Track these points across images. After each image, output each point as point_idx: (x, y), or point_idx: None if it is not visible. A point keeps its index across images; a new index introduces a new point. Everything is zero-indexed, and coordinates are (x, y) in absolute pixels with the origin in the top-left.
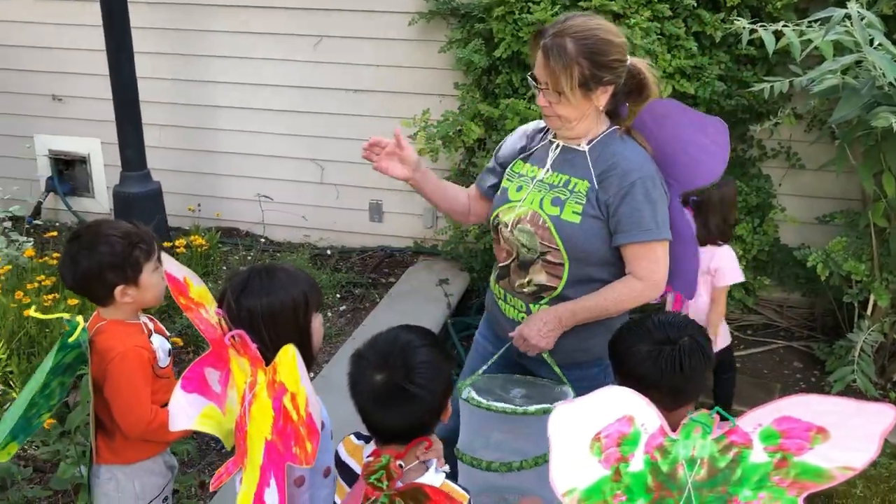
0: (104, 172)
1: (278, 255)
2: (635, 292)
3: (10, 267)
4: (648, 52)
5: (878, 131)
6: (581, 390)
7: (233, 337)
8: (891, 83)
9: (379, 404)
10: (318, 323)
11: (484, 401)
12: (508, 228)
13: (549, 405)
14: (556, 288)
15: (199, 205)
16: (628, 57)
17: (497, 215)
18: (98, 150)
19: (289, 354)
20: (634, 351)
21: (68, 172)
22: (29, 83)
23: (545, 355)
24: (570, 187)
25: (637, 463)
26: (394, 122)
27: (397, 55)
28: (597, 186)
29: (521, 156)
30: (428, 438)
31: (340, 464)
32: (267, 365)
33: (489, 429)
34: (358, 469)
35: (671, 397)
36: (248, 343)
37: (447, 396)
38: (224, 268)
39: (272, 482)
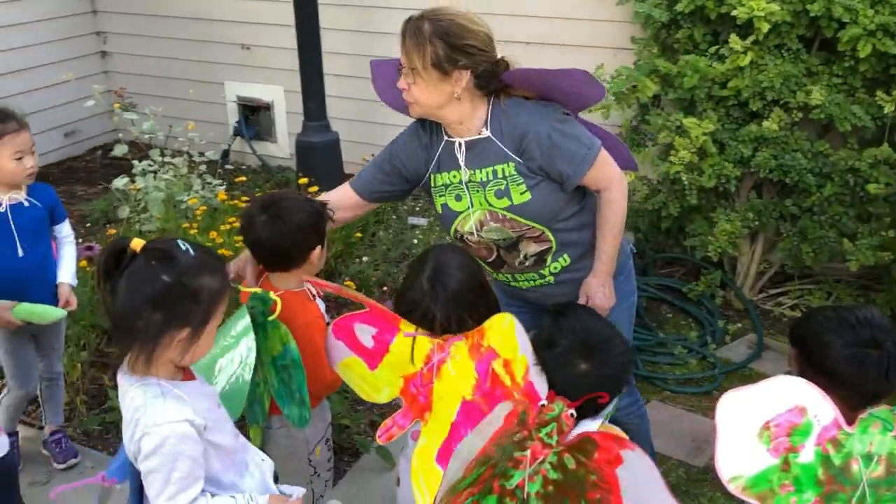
0: (286, 119)
1: None
2: (619, 196)
3: (205, 208)
4: (847, 8)
5: None
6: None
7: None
8: None
9: (576, 389)
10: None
11: None
12: (475, 235)
13: None
14: (551, 247)
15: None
16: (496, 53)
17: (455, 230)
18: (281, 98)
19: (505, 322)
20: (833, 348)
21: (254, 118)
22: (218, 32)
23: None
24: (500, 175)
25: (807, 454)
26: None
27: (573, 7)
28: (521, 160)
29: (432, 168)
30: (602, 393)
31: None
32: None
33: None
34: None
35: (864, 400)
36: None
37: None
38: (394, 217)
39: None
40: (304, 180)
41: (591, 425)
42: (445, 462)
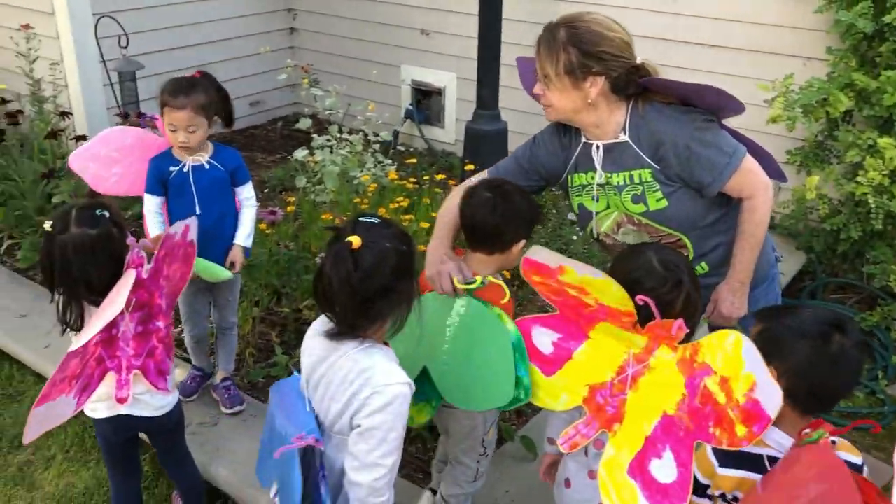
0: (455, 105)
1: None
2: (763, 205)
3: (375, 186)
4: None
5: None
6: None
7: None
8: None
9: (857, 374)
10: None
11: None
12: (610, 238)
13: None
14: (688, 255)
15: None
16: (635, 58)
17: (592, 230)
18: (453, 84)
19: (728, 340)
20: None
21: (425, 102)
22: (400, 16)
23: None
24: (637, 181)
25: None
26: (748, 82)
27: (768, 11)
28: (657, 166)
29: (570, 168)
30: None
31: (734, 454)
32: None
33: None
34: (762, 452)
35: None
36: (680, 327)
37: None
38: (553, 211)
39: (667, 456)
40: (470, 166)
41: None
42: (638, 476)
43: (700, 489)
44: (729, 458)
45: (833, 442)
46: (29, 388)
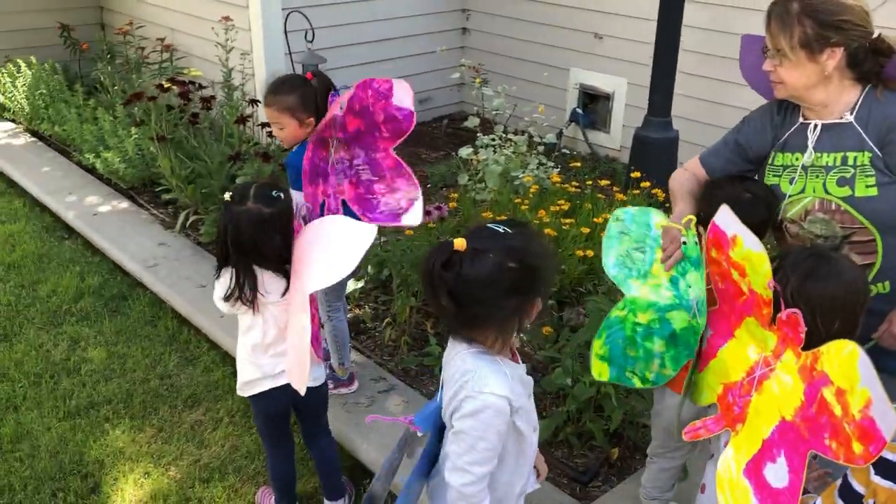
0: (623, 111)
1: None
2: None
3: (537, 187)
4: None
5: None
6: None
7: (784, 315)
8: None
9: None
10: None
11: None
12: (796, 225)
13: None
14: (874, 263)
15: None
16: (873, 28)
17: (777, 214)
18: (623, 90)
19: (846, 350)
20: None
21: (591, 106)
22: (572, 19)
23: None
24: (850, 163)
25: None
26: None
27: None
28: (881, 153)
29: (777, 146)
30: None
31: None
32: (805, 349)
33: None
34: None
35: None
36: (798, 324)
37: None
38: None
39: (781, 461)
40: (636, 174)
41: None
42: (752, 476)
43: (855, 498)
44: (886, 468)
45: None
46: (203, 354)
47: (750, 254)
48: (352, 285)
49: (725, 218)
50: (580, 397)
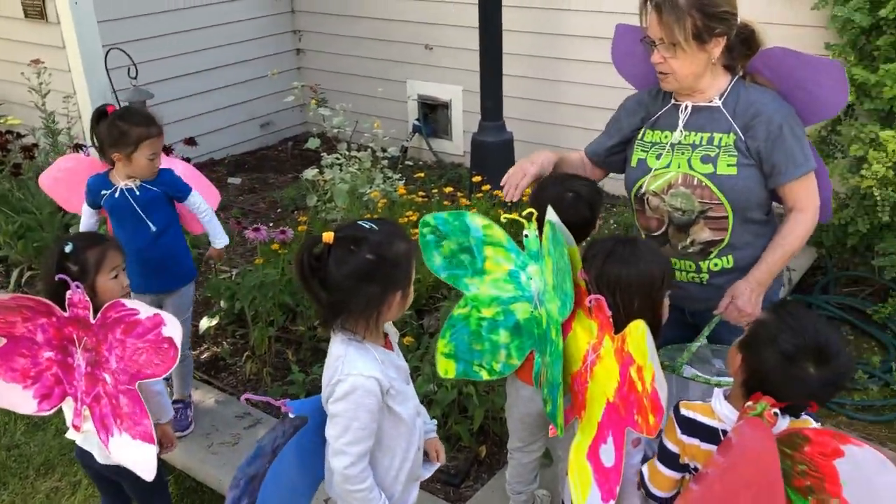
0: (462, 118)
1: (613, 209)
2: (808, 224)
3: (385, 201)
4: None
5: None
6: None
7: (590, 301)
8: None
9: (792, 390)
10: (665, 301)
11: (712, 378)
12: (658, 198)
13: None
14: (722, 240)
15: None
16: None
17: (640, 186)
18: (459, 97)
19: (639, 329)
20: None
21: (431, 116)
22: (404, 32)
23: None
24: (715, 143)
25: None
26: None
27: (762, 10)
28: (743, 136)
29: (647, 124)
30: (812, 403)
31: (691, 423)
32: (616, 332)
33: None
34: (715, 425)
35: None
36: (603, 309)
37: None
38: None
39: (609, 441)
40: (477, 178)
41: (782, 423)
42: (593, 459)
43: (671, 457)
44: (688, 427)
45: (776, 413)
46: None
47: (570, 249)
48: (206, 322)
49: (550, 218)
50: (443, 402)
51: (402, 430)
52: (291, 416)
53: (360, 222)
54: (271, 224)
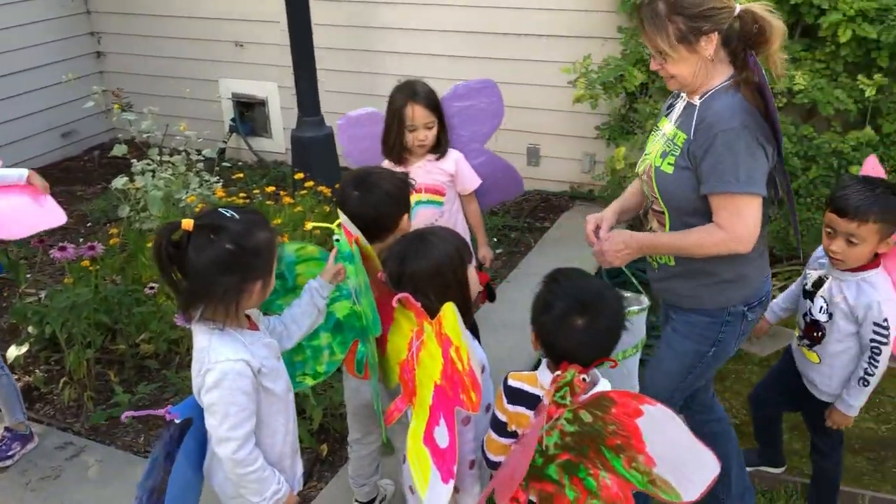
0: (280, 114)
1: None
2: (714, 239)
3: (203, 206)
4: None
5: None
6: (689, 334)
7: (396, 301)
8: None
9: (583, 345)
10: (472, 274)
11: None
12: (639, 178)
13: (641, 307)
14: None
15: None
16: (735, 4)
17: (638, 166)
18: (275, 94)
19: (450, 312)
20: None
21: (249, 114)
22: (212, 30)
23: (624, 268)
24: (674, 139)
25: None
26: (555, 66)
27: None
28: (692, 138)
29: (665, 111)
30: (611, 358)
31: (518, 392)
32: (432, 317)
33: None
34: (538, 392)
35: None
36: (412, 302)
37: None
38: None
39: (442, 422)
40: (299, 175)
41: (603, 385)
42: (429, 442)
43: (501, 425)
44: (514, 396)
45: (584, 379)
46: None
47: (369, 249)
48: (14, 351)
49: (345, 220)
50: None
51: (280, 407)
52: (177, 420)
53: (221, 210)
54: (82, 239)
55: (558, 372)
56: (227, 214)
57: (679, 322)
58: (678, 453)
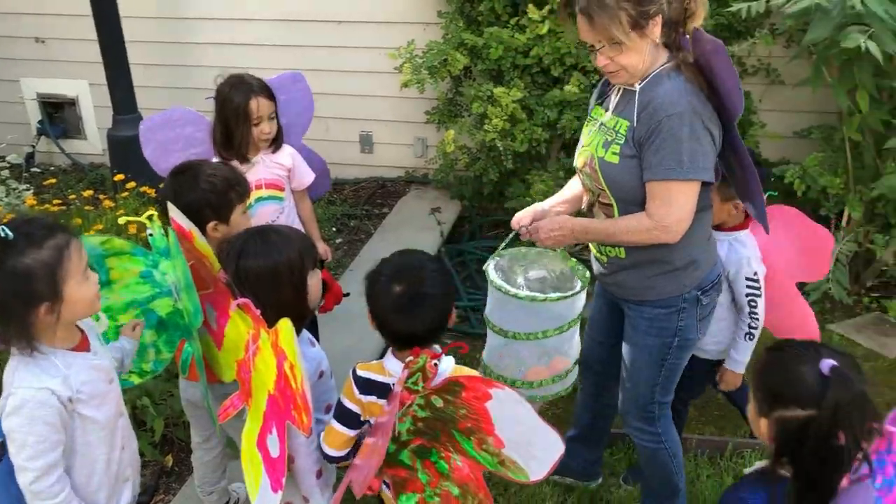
0: (94, 114)
1: None
2: (642, 227)
3: (11, 215)
4: None
5: (851, 49)
6: (648, 330)
7: (234, 306)
8: (862, 2)
9: (400, 311)
10: (314, 280)
11: (511, 289)
12: (580, 172)
13: (563, 294)
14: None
15: None
16: None
17: (575, 159)
18: (87, 92)
19: (285, 329)
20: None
21: (59, 115)
22: (9, 26)
23: (559, 250)
24: (616, 128)
25: None
26: (380, 52)
27: None
28: (635, 125)
29: (598, 100)
30: (460, 343)
31: (368, 382)
32: (269, 325)
33: (510, 305)
34: (387, 381)
35: None
36: (251, 309)
37: (453, 301)
38: None
39: (274, 432)
40: (120, 177)
41: (448, 364)
42: (262, 448)
43: (352, 417)
44: (365, 386)
45: (435, 364)
46: None
47: (202, 245)
48: None
49: (176, 214)
50: None
51: (102, 435)
52: None
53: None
54: None
55: (410, 357)
56: (2, 234)
57: (636, 318)
58: (525, 434)
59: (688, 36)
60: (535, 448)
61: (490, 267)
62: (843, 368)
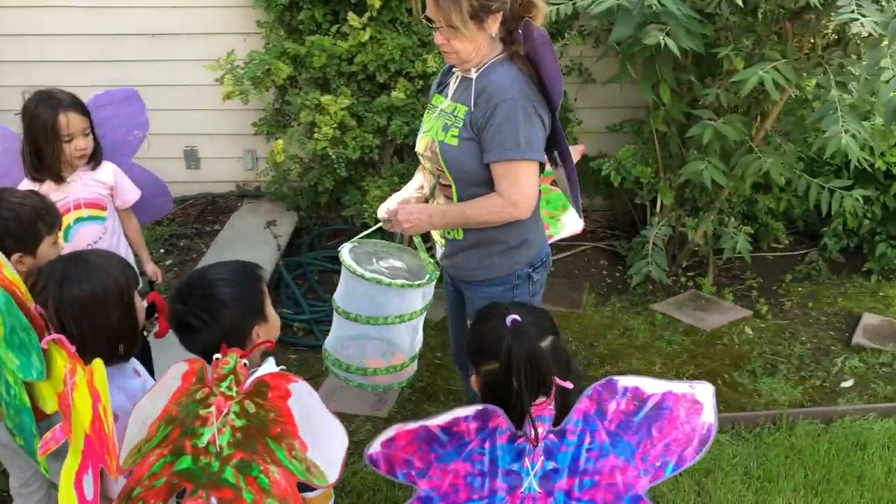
0: None
1: None
2: (496, 207)
3: None
4: None
5: (652, 46)
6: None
7: (47, 342)
8: (659, 2)
9: (177, 332)
10: (138, 300)
11: (359, 268)
12: (422, 157)
13: (409, 282)
14: None
15: None
16: None
17: (417, 144)
18: None
19: (98, 371)
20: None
21: None
22: None
23: (415, 239)
24: (454, 113)
25: None
26: (198, 64)
27: None
28: (472, 110)
29: (437, 89)
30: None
31: None
32: (99, 355)
33: (359, 288)
34: None
35: None
36: (65, 345)
37: (245, 319)
38: None
39: (90, 472)
40: None
41: (269, 366)
42: (78, 487)
43: None
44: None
45: (245, 364)
46: None
47: (11, 274)
48: None
49: None
50: None
51: None
52: None
53: None
54: None
55: (218, 356)
56: None
57: (474, 299)
58: (319, 431)
59: (520, 31)
60: (325, 446)
61: (345, 250)
62: (522, 323)
